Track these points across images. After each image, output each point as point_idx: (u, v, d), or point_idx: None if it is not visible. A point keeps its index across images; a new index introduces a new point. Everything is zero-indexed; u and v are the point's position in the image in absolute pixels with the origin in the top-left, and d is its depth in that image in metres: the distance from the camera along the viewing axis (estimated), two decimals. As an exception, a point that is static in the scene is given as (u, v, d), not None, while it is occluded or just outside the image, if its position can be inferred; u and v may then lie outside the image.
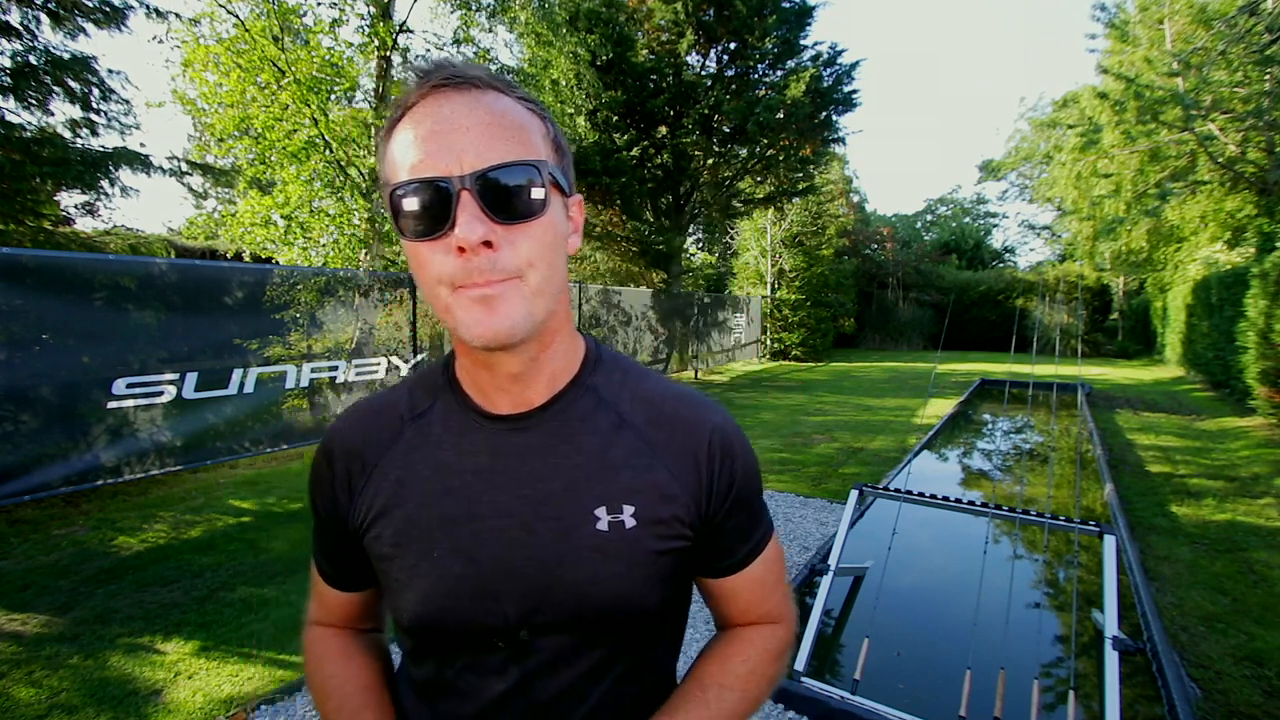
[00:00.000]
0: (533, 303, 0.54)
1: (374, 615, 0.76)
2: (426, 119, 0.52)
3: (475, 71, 0.54)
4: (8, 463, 3.61)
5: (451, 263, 0.51)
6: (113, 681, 2.39)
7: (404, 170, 0.52)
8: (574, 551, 0.59)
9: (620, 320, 10.29)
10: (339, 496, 0.65)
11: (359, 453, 0.64)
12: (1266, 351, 6.98)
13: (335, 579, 0.71)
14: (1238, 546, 3.77)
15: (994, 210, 33.32)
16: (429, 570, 0.59)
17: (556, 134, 0.59)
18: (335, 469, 0.65)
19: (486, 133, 0.51)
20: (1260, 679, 2.47)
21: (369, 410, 0.67)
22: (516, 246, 0.52)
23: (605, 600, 0.59)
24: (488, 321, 0.52)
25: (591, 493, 0.60)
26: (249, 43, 6.64)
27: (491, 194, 0.51)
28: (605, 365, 0.67)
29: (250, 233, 7.15)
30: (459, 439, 0.62)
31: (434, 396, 0.65)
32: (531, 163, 0.53)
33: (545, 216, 0.54)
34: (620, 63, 10.13)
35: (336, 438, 0.66)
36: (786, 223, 16.64)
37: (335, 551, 0.69)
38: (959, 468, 6.09)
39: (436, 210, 0.51)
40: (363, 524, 0.63)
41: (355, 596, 0.72)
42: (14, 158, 4.93)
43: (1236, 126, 10.00)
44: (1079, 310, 17.91)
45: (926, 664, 2.60)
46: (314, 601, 0.74)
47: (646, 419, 0.64)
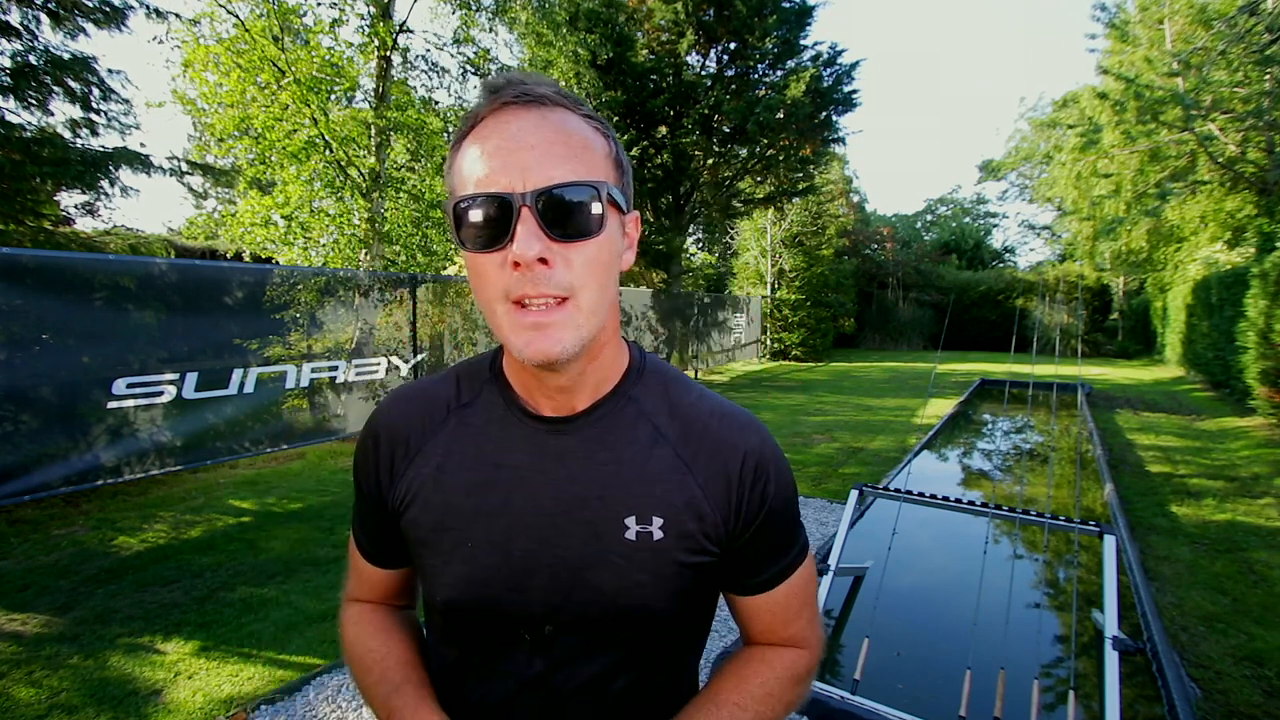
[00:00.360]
0: (584, 325, 0.56)
1: (409, 592, 0.78)
2: (494, 135, 0.54)
3: (544, 89, 0.55)
4: (8, 463, 3.61)
5: (509, 275, 0.53)
6: (113, 681, 2.39)
7: (470, 184, 0.54)
8: (601, 556, 0.60)
9: (620, 320, 10.27)
10: (381, 477, 0.67)
11: (404, 436, 0.67)
12: (1266, 351, 6.98)
13: (374, 556, 0.73)
14: (1238, 546, 3.77)
15: (994, 210, 33.32)
16: (464, 559, 0.62)
17: (619, 152, 0.61)
18: (380, 449, 0.67)
19: (550, 151, 0.53)
20: (1260, 679, 2.47)
21: (416, 395, 0.69)
22: (571, 264, 0.54)
23: (626, 607, 0.61)
24: (538, 344, 0.54)
25: (623, 502, 0.62)
26: (249, 43, 6.65)
27: (551, 211, 0.53)
28: (649, 375, 0.68)
29: (250, 233, 7.15)
30: (502, 433, 0.64)
31: (480, 389, 0.68)
32: (592, 183, 0.54)
33: (602, 235, 0.56)
34: (620, 63, 10.13)
35: (383, 419, 0.68)
36: (786, 223, 16.64)
37: (375, 529, 0.71)
38: (959, 468, 6.09)
39: (498, 224, 0.53)
40: (402, 505, 0.65)
41: (392, 573, 0.74)
42: (14, 158, 4.93)
43: (1236, 126, 10.00)
44: (1079, 310, 17.91)
45: (926, 664, 2.60)
46: (352, 578, 0.77)
47: (683, 434, 0.65)
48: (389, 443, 0.67)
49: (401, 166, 9.23)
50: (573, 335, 0.55)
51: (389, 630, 0.73)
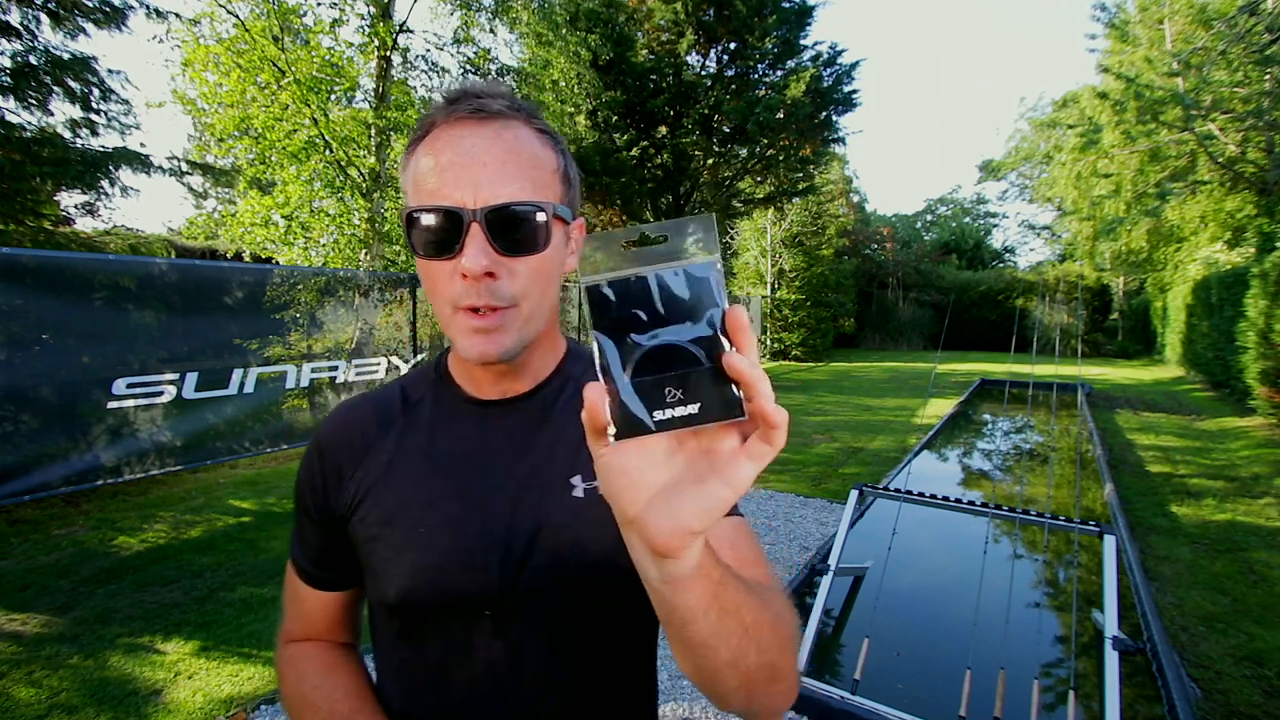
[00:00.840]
0: (525, 329, 0.60)
1: (353, 625, 0.77)
2: (448, 149, 0.57)
3: (499, 104, 0.58)
4: (8, 463, 3.61)
5: (458, 285, 0.57)
6: (113, 681, 2.39)
7: (424, 194, 0.57)
8: (551, 517, 0.63)
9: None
10: (328, 484, 0.68)
11: (350, 442, 0.68)
12: (1266, 351, 6.98)
13: (317, 578, 0.72)
14: (1238, 546, 3.77)
15: (994, 210, 33.35)
16: (417, 544, 0.62)
17: (567, 165, 0.64)
18: (325, 460, 0.68)
19: (502, 170, 0.56)
20: (1260, 679, 2.47)
21: (361, 404, 0.71)
22: (516, 276, 0.58)
23: (582, 561, 0.62)
24: (482, 346, 0.58)
25: (568, 464, 0.65)
26: (249, 43, 6.64)
27: (499, 228, 0.56)
28: (584, 360, 0.74)
29: (250, 233, 7.15)
30: (449, 422, 0.68)
31: (427, 389, 0.71)
32: (539, 204, 0.58)
33: (546, 250, 0.59)
34: (620, 63, 10.13)
35: (327, 431, 0.70)
36: (786, 223, 16.64)
37: (319, 547, 0.70)
38: (959, 468, 6.09)
39: (448, 235, 0.56)
40: (350, 506, 0.66)
41: (337, 599, 0.73)
42: (14, 158, 4.93)
43: (1236, 126, 10.00)
44: (1079, 310, 17.92)
45: (926, 664, 2.60)
46: (290, 615, 0.75)
47: None
48: (334, 450, 0.68)
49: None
50: (514, 339, 0.59)
51: (333, 667, 0.70)
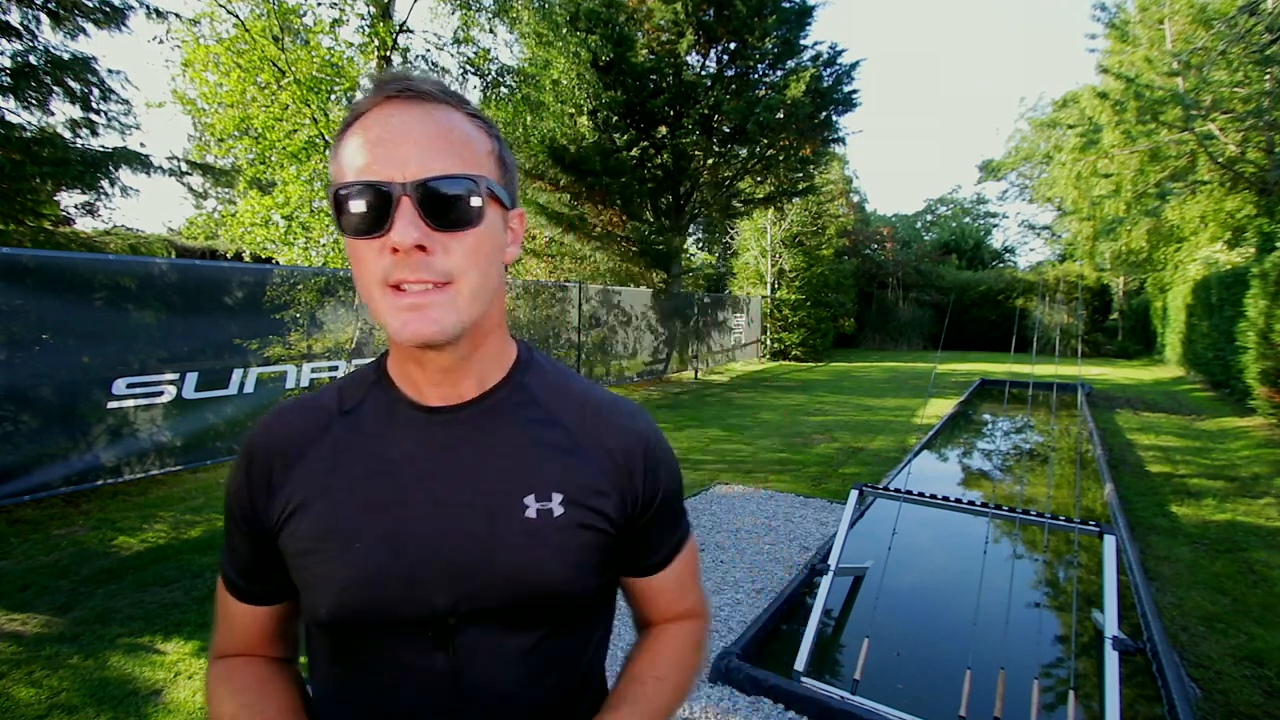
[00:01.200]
0: (463, 310, 0.57)
1: (289, 639, 0.72)
2: (376, 126, 0.55)
3: (428, 86, 0.57)
4: (8, 463, 3.61)
5: (386, 260, 0.54)
6: (113, 681, 2.39)
7: (350, 172, 0.55)
8: (503, 538, 0.60)
9: (620, 320, 10.29)
10: (256, 495, 0.63)
11: (282, 449, 0.64)
12: (1266, 351, 6.98)
13: (247, 592, 0.67)
14: (1238, 546, 3.77)
15: (994, 210, 33.33)
16: (352, 560, 0.59)
17: (502, 150, 0.62)
18: (254, 468, 0.64)
19: (432, 145, 0.55)
20: (1260, 679, 2.47)
21: (294, 409, 0.67)
22: (450, 252, 0.55)
23: (534, 585, 0.61)
24: (415, 324, 0.54)
25: (521, 481, 0.63)
26: (249, 43, 6.65)
27: (430, 202, 0.54)
28: (536, 367, 0.70)
29: (250, 233, 7.16)
30: (389, 430, 0.63)
31: (365, 393, 0.66)
32: (471, 176, 0.56)
33: (481, 227, 0.57)
34: (620, 63, 10.13)
35: (257, 437, 0.65)
36: (786, 223, 16.64)
37: (249, 559, 0.66)
38: (959, 468, 6.09)
39: (377, 212, 0.53)
40: (280, 518, 0.62)
41: (269, 613, 0.68)
42: (14, 158, 4.93)
43: (1236, 126, 10.01)
44: (1079, 310, 17.91)
45: (926, 664, 2.60)
46: (221, 631, 0.70)
47: (577, 419, 0.67)
48: (265, 457, 0.64)
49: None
50: (451, 317, 0.56)
51: (266, 684, 0.66)
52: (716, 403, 9.46)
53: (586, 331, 9.38)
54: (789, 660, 2.38)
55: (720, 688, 2.32)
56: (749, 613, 2.90)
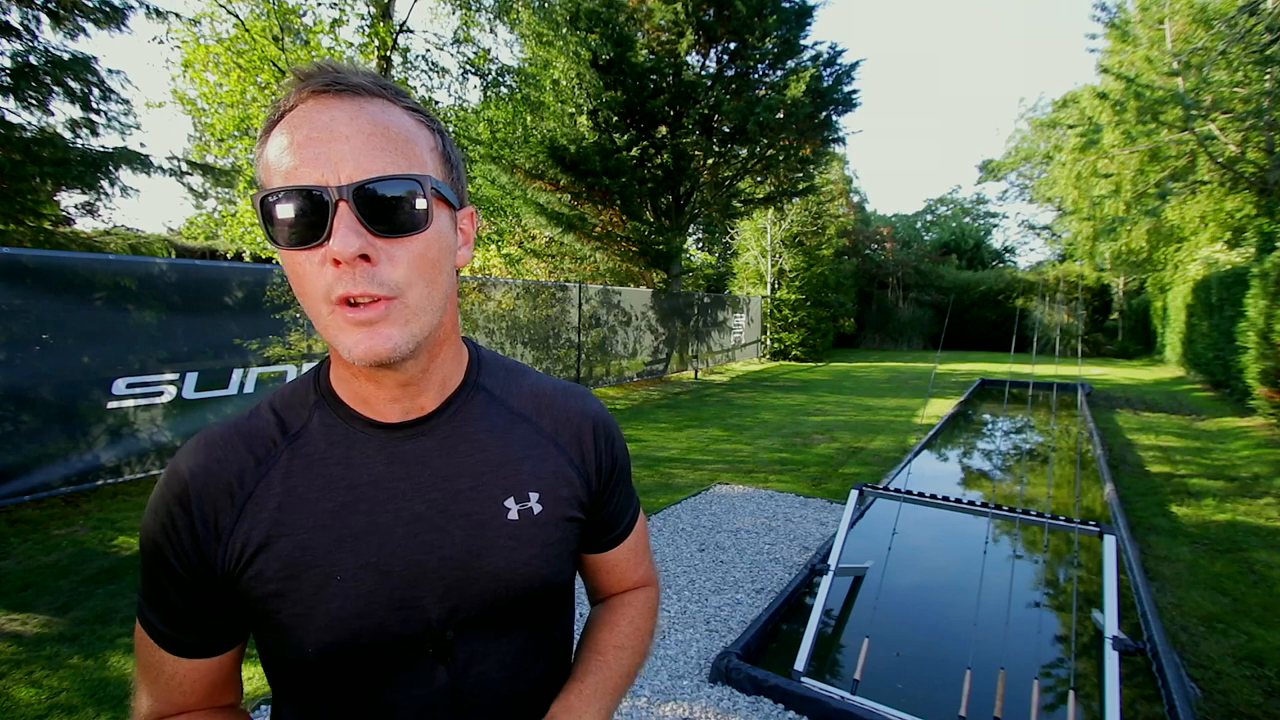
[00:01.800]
0: (414, 323, 0.53)
1: (233, 684, 0.65)
2: (304, 125, 0.50)
3: (359, 78, 0.52)
4: (8, 463, 3.61)
5: (329, 274, 0.50)
6: (113, 681, 2.39)
7: (278, 176, 0.50)
8: (490, 543, 0.61)
9: (620, 320, 10.29)
10: (203, 541, 0.56)
11: (226, 488, 0.57)
12: (1266, 351, 6.98)
13: (190, 646, 0.59)
14: (1238, 546, 3.77)
15: (994, 210, 33.32)
16: (334, 594, 0.55)
17: (447, 147, 0.58)
18: (194, 512, 0.56)
19: (368, 144, 0.50)
20: (1260, 679, 2.47)
21: (228, 439, 0.59)
22: (396, 261, 0.51)
23: (525, 584, 0.62)
24: (367, 343, 0.51)
25: (498, 485, 0.63)
26: (249, 43, 6.65)
27: (370, 206, 0.49)
28: (488, 365, 0.69)
29: (250, 233, 7.16)
30: (347, 452, 0.59)
31: (308, 415, 0.61)
32: (414, 176, 0.51)
33: (427, 231, 0.53)
34: (620, 63, 10.13)
35: (190, 475, 0.57)
36: (786, 223, 16.64)
37: (192, 611, 0.58)
38: (959, 468, 6.09)
39: (311, 220, 0.49)
40: (237, 566, 0.56)
41: (212, 664, 0.60)
42: (14, 158, 4.93)
43: (1236, 126, 10.01)
44: (1079, 310, 17.92)
45: (926, 664, 2.60)
46: (151, 692, 0.60)
47: (536, 411, 0.68)
48: (205, 499, 0.56)
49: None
50: (403, 333, 0.52)
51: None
52: (716, 403, 9.46)
53: (586, 331, 9.38)
54: (789, 660, 2.38)
55: (720, 688, 2.32)
56: (749, 613, 2.90)
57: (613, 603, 0.79)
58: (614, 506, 0.74)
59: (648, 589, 0.82)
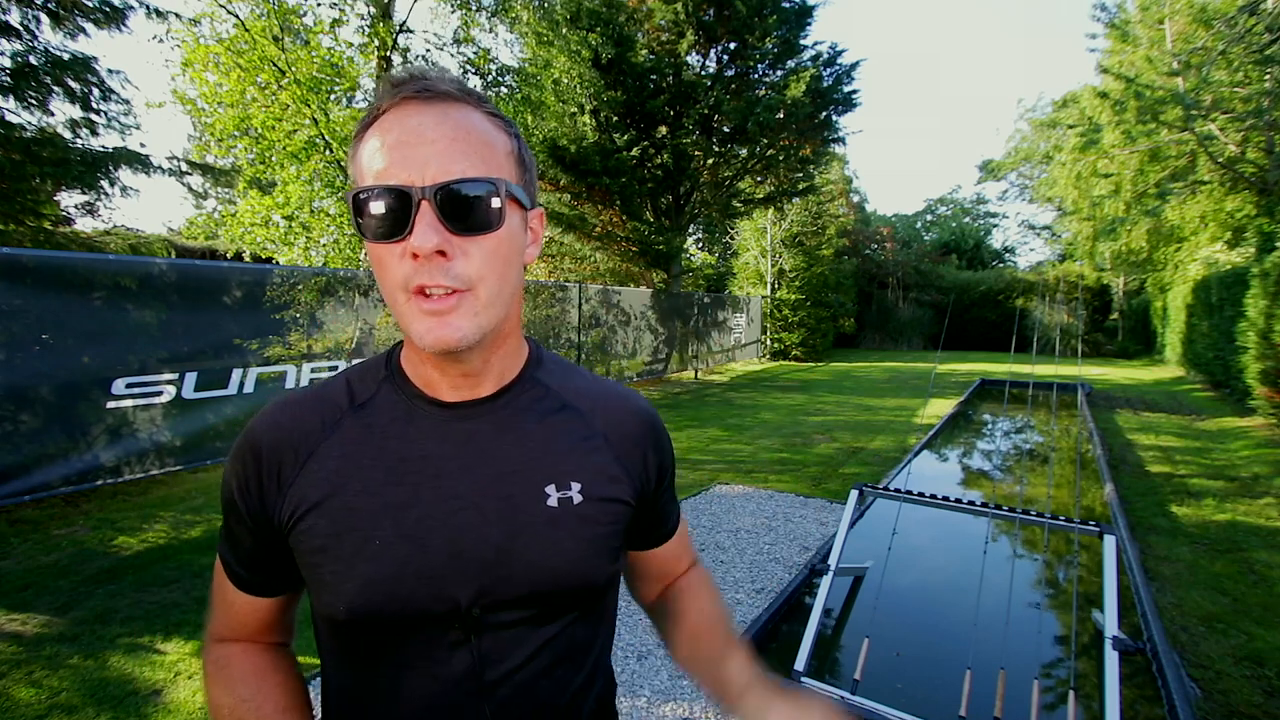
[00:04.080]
0: (482, 315, 0.57)
1: (287, 626, 0.72)
2: (395, 128, 0.54)
3: (446, 85, 0.56)
4: (8, 463, 3.61)
5: (408, 265, 0.54)
6: (113, 681, 2.39)
7: (369, 175, 0.55)
8: (526, 528, 0.61)
9: (620, 320, 10.29)
10: (266, 491, 0.61)
11: (291, 444, 0.62)
12: (1266, 351, 6.98)
13: (250, 584, 0.66)
14: (1238, 546, 3.77)
15: (994, 210, 33.32)
16: (370, 557, 0.58)
17: (521, 149, 0.62)
18: (262, 462, 0.62)
19: (451, 147, 0.54)
20: (1260, 679, 2.47)
21: (301, 401, 0.65)
22: (470, 257, 0.55)
23: (556, 573, 0.62)
24: (438, 331, 0.55)
25: (541, 472, 0.64)
26: (249, 43, 6.65)
27: (450, 206, 0.54)
28: (547, 362, 0.72)
29: (250, 233, 7.15)
30: (405, 426, 0.63)
31: (376, 388, 0.66)
32: (490, 179, 0.55)
33: (501, 230, 0.57)
34: (620, 62, 10.13)
35: (262, 431, 0.63)
36: (786, 223, 16.64)
37: (254, 553, 0.64)
38: (959, 468, 6.09)
39: (397, 216, 0.53)
40: (292, 518, 0.60)
41: (269, 604, 0.68)
42: (14, 158, 4.93)
43: (1236, 126, 10.00)
44: (1079, 310, 17.92)
45: (926, 664, 2.60)
46: (218, 615, 0.69)
47: (588, 408, 0.70)
48: (273, 453, 0.62)
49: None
50: (471, 324, 0.56)
51: (263, 674, 0.66)
52: (716, 403, 9.46)
53: (586, 331, 9.38)
54: (789, 660, 2.38)
55: (720, 688, 2.32)
56: (749, 613, 2.90)
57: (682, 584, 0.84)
58: (664, 505, 0.77)
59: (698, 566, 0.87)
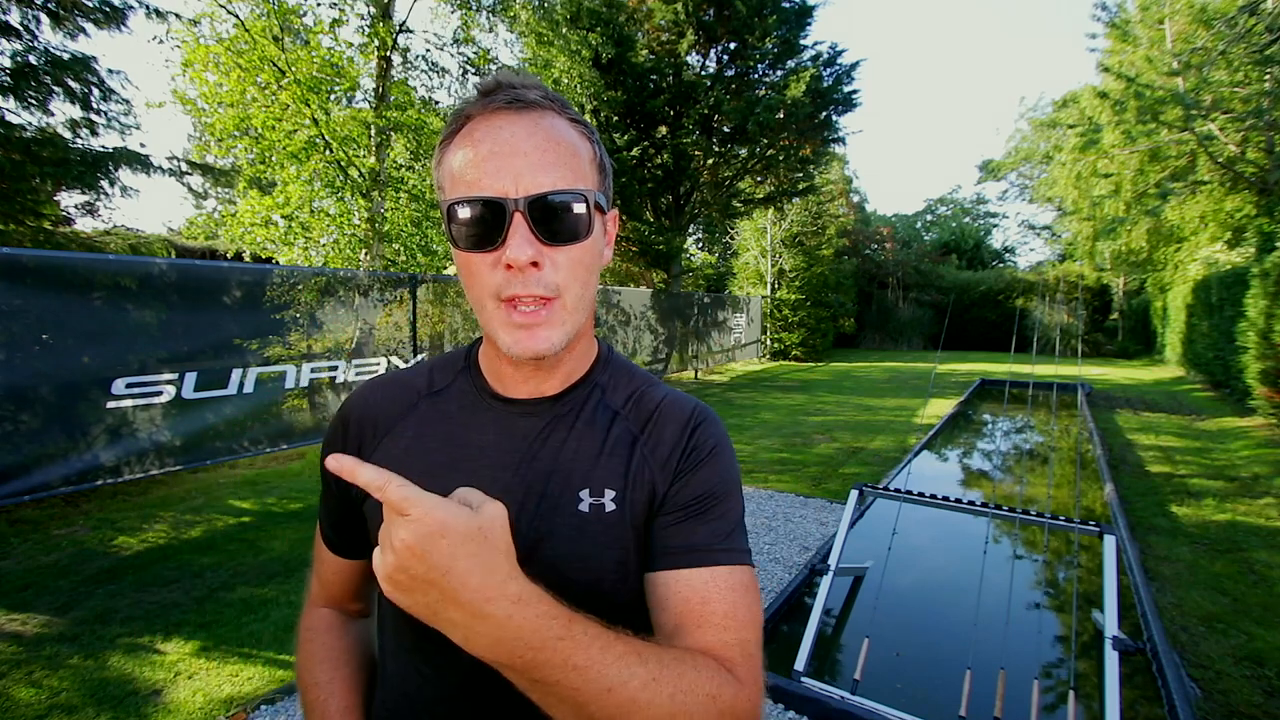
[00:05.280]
0: (569, 322, 0.59)
1: (367, 592, 0.78)
2: (488, 139, 0.56)
3: (534, 94, 0.58)
4: (8, 463, 3.61)
5: (500, 275, 0.56)
6: (113, 681, 2.39)
7: (463, 185, 0.56)
8: (554, 529, 0.62)
9: (620, 320, 10.29)
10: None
11: (373, 419, 0.68)
12: (1266, 351, 6.98)
13: (337, 544, 0.73)
14: (1238, 546, 3.77)
15: (994, 210, 33.30)
16: None
17: (601, 155, 0.64)
18: (349, 432, 0.69)
19: (542, 158, 0.56)
20: (1260, 679, 2.47)
21: (388, 382, 0.71)
22: (559, 266, 0.57)
23: (577, 577, 0.61)
24: (527, 342, 0.57)
25: (580, 475, 0.64)
26: (249, 43, 6.64)
27: (542, 217, 0.56)
28: (613, 367, 0.73)
29: (250, 233, 7.14)
30: (471, 417, 0.67)
31: (453, 378, 0.70)
32: (580, 191, 0.58)
33: (589, 239, 0.59)
34: (620, 62, 10.13)
35: (354, 404, 0.70)
36: (786, 223, 16.64)
37: (338, 516, 0.71)
38: (959, 468, 6.09)
39: (491, 226, 0.56)
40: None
41: (353, 566, 0.74)
42: (14, 158, 4.93)
43: (1236, 126, 10.00)
44: (1079, 310, 17.92)
45: (926, 664, 2.60)
46: (315, 573, 0.77)
47: (640, 415, 0.69)
48: (358, 425, 0.68)
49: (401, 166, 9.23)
50: (559, 333, 0.58)
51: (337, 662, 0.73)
52: (716, 403, 9.46)
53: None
54: (789, 660, 2.38)
55: (720, 688, 2.32)
56: (749, 613, 2.89)
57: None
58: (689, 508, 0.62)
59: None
